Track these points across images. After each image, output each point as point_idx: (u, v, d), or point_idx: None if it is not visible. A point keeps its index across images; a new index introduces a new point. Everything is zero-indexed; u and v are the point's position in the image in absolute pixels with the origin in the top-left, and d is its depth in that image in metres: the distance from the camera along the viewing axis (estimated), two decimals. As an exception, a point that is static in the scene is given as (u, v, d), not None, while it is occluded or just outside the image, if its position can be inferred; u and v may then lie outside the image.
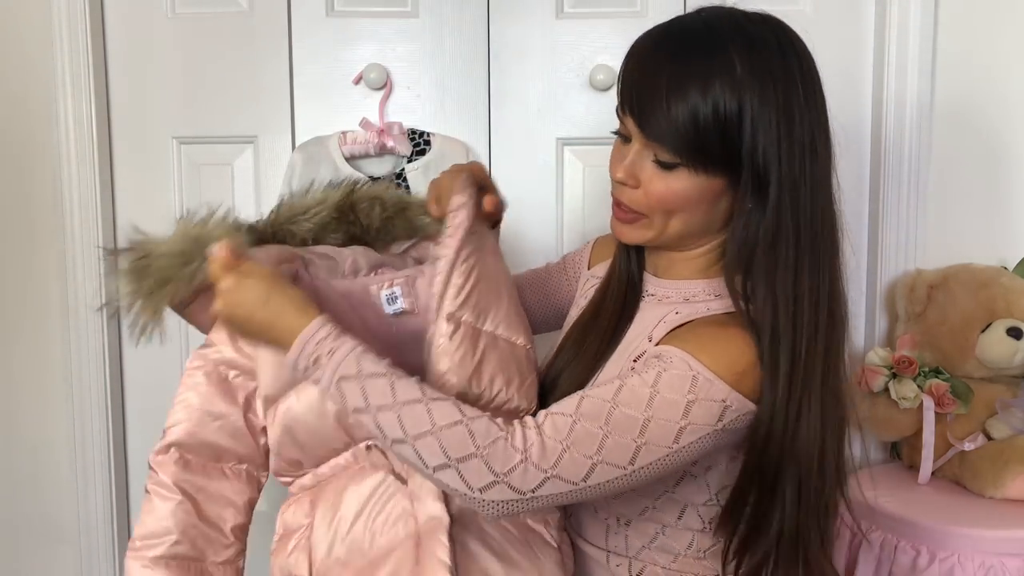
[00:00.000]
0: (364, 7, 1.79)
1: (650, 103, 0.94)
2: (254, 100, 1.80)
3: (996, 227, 1.81)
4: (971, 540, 1.43)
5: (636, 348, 1.04)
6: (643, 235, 1.02)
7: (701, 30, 0.95)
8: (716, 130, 0.92)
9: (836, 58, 1.80)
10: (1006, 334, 1.62)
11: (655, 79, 0.94)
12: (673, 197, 0.97)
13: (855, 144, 1.83)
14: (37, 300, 1.83)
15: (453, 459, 0.90)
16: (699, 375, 0.92)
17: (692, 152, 0.93)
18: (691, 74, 0.92)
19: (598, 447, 0.91)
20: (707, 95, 0.91)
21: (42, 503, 1.88)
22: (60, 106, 1.75)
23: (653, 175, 0.97)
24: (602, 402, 0.93)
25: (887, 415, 1.67)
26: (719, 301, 1.02)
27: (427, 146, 1.76)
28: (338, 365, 0.92)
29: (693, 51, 0.93)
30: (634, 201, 0.99)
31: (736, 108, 0.91)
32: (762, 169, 0.93)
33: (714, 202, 0.98)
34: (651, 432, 0.91)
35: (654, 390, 0.92)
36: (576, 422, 0.92)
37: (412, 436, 0.91)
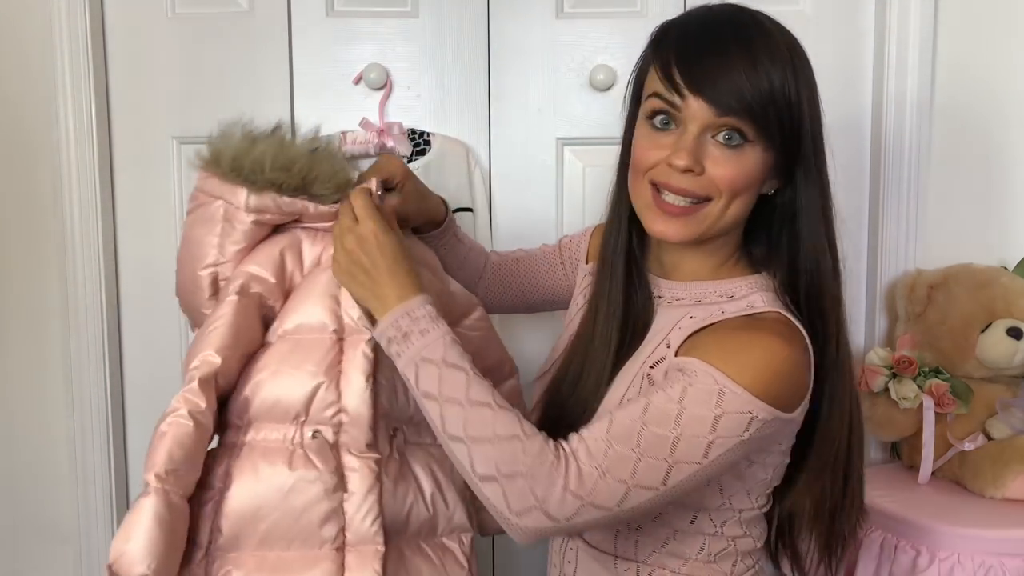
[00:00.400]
0: (364, 7, 1.79)
1: (725, 74, 0.93)
2: (254, 100, 1.80)
3: (996, 227, 1.81)
4: (971, 540, 1.43)
5: (653, 354, 1.02)
6: (697, 228, 0.99)
7: (742, 16, 0.98)
8: (785, 105, 0.94)
9: (836, 58, 1.80)
10: (1006, 334, 1.62)
11: (724, 55, 0.94)
12: (743, 176, 0.96)
13: (855, 144, 1.83)
14: (37, 300, 1.83)
15: (502, 473, 0.91)
16: (725, 388, 0.91)
17: (765, 125, 0.94)
18: (758, 49, 0.94)
19: (632, 471, 0.91)
20: (773, 72, 0.93)
21: (42, 503, 1.88)
22: (60, 106, 1.75)
23: (720, 157, 0.95)
24: (631, 422, 0.92)
25: (887, 415, 1.67)
26: (733, 303, 1.01)
27: (427, 146, 1.76)
28: (425, 346, 0.94)
29: (748, 31, 0.95)
30: (699, 186, 0.96)
31: (795, 87, 0.94)
32: (813, 148, 0.97)
33: (759, 184, 0.99)
34: (681, 450, 0.91)
35: (681, 406, 0.91)
36: (609, 446, 0.91)
37: (471, 438, 0.92)
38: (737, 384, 0.91)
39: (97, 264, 1.79)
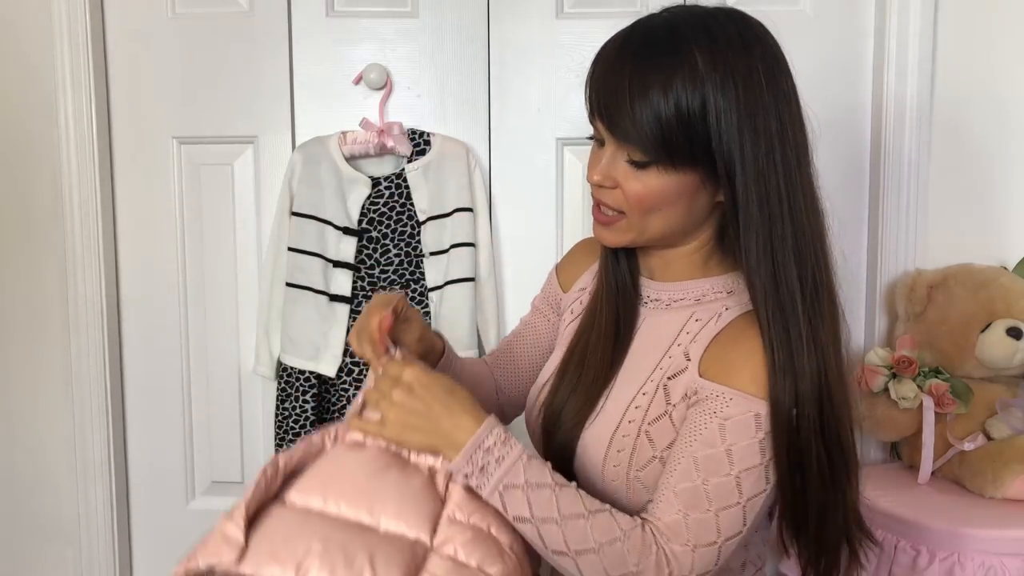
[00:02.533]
0: (364, 7, 1.79)
1: (616, 105, 0.95)
2: (254, 100, 1.80)
3: (996, 227, 1.81)
4: (971, 540, 1.43)
5: (671, 365, 1.01)
6: (624, 236, 1.02)
7: (662, 29, 0.96)
8: (680, 127, 0.93)
9: (836, 58, 1.80)
10: (1006, 334, 1.62)
11: (619, 82, 0.95)
12: (649, 195, 0.97)
13: (855, 144, 1.83)
14: (37, 300, 1.83)
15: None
16: (759, 412, 0.93)
17: (660, 150, 0.94)
18: (652, 74, 0.93)
19: (716, 529, 0.93)
20: (668, 93, 0.92)
21: (42, 503, 1.88)
22: (60, 106, 1.76)
23: (628, 175, 0.98)
24: (691, 485, 0.93)
25: (887, 415, 1.67)
26: (732, 297, 1.02)
27: (427, 146, 1.76)
28: (505, 474, 0.93)
29: (654, 51, 0.95)
30: (614, 202, 1.00)
31: (699, 103, 0.92)
32: (728, 162, 0.94)
33: (692, 197, 0.98)
34: (746, 486, 0.93)
35: (726, 446, 0.93)
36: (685, 518, 0.93)
37: (575, 551, 0.93)
38: (763, 399, 0.93)
39: (97, 264, 1.79)
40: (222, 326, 1.86)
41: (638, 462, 1.00)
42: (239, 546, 0.84)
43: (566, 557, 0.93)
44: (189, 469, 1.89)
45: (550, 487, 0.94)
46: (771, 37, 0.99)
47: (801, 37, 1.78)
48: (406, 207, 1.75)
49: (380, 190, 1.75)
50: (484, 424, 0.95)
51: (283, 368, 1.76)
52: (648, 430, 1.00)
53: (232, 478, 1.89)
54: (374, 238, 1.75)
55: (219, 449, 1.88)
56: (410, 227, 1.75)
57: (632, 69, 0.94)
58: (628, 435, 1.01)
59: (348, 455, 0.96)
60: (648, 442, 1.00)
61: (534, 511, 0.93)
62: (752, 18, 1.00)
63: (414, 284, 1.76)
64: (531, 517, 0.93)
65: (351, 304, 1.74)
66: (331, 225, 1.74)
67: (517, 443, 0.96)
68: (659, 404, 1.00)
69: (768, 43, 0.98)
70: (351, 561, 0.83)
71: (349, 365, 1.73)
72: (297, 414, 1.73)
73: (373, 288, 1.75)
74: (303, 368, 1.73)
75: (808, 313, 0.95)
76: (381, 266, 1.75)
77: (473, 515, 0.92)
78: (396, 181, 1.75)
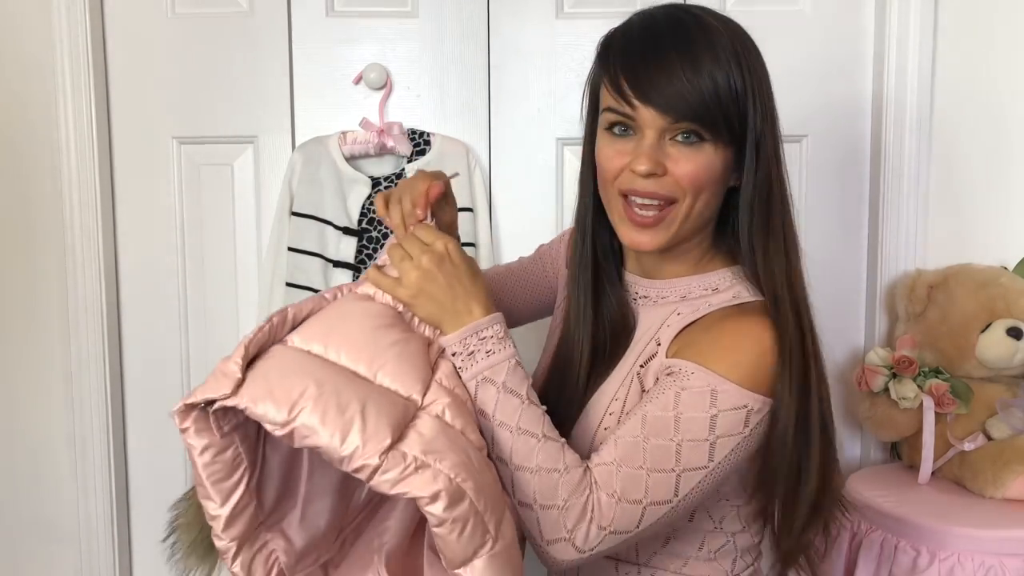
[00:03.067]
0: (364, 7, 1.79)
1: (666, 82, 0.95)
2: (254, 100, 1.80)
3: (996, 227, 1.81)
4: (971, 540, 1.43)
5: (644, 353, 1.03)
6: (665, 235, 1.00)
7: (683, 17, 0.98)
8: (731, 101, 0.95)
9: (836, 58, 1.80)
10: (1006, 334, 1.62)
11: (665, 59, 0.95)
12: (703, 173, 0.97)
13: (855, 144, 1.83)
14: (37, 300, 1.83)
15: (538, 504, 0.93)
16: (716, 388, 0.93)
17: (716, 122, 0.95)
18: (699, 51, 0.95)
19: (644, 489, 0.93)
20: (717, 68, 0.94)
21: (42, 503, 1.88)
22: (60, 106, 1.75)
23: (679, 156, 0.97)
24: (632, 439, 0.94)
25: (887, 415, 1.67)
26: (718, 295, 1.02)
27: (427, 146, 1.76)
28: (489, 367, 0.95)
29: (688, 33, 0.96)
30: (664, 187, 0.98)
31: (740, 82, 0.95)
32: (759, 143, 0.97)
33: (724, 179, 1.00)
34: (685, 456, 0.92)
35: (676, 412, 0.93)
36: (618, 469, 0.93)
37: (514, 465, 0.94)
38: (728, 381, 0.92)
39: (97, 264, 1.79)
40: (222, 326, 1.85)
41: None
42: (236, 380, 0.87)
43: (505, 467, 0.94)
44: (189, 469, 1.89)
45: (521, 399, 0.95)
46: None
47: (801, 37, 1.78)
48: (406, 207, 1.75)
49: (380, 190, 1.75)
50: (490, 316, 0.97)
51: (283, 368, 1.76)
52: None
53: (232, 478, 1.89)
54: (374, 238, 1.75)
55: (219, 449, 1.88)
56: (410, 227, 1.75)
57: (674, 47, 0.95)
58: (608, 428, 1.02)
59: (355, 305, 0.97)
60: None
61: (496, 413, 0.94)
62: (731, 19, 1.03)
63: (414, 284, 1.76)
64: (491, 416, 0.95)
65: (351, 304, 1.73)
66: (331, 225, 1.74)
67: (512, 346, 0.97)
68: (635, 392, 1.01)
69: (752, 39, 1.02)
70: (343, 409, 0.84)
71: (349, 365, 1.73)
72: (297, 414, 1.72)
73: (373, 288, 1.75)
74: (303, 368, 1.73)
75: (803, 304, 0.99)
76: (381, 266, 1.75)
77: (458, 387, 0.95)
78: (396, 181, 1.75)
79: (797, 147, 1.83)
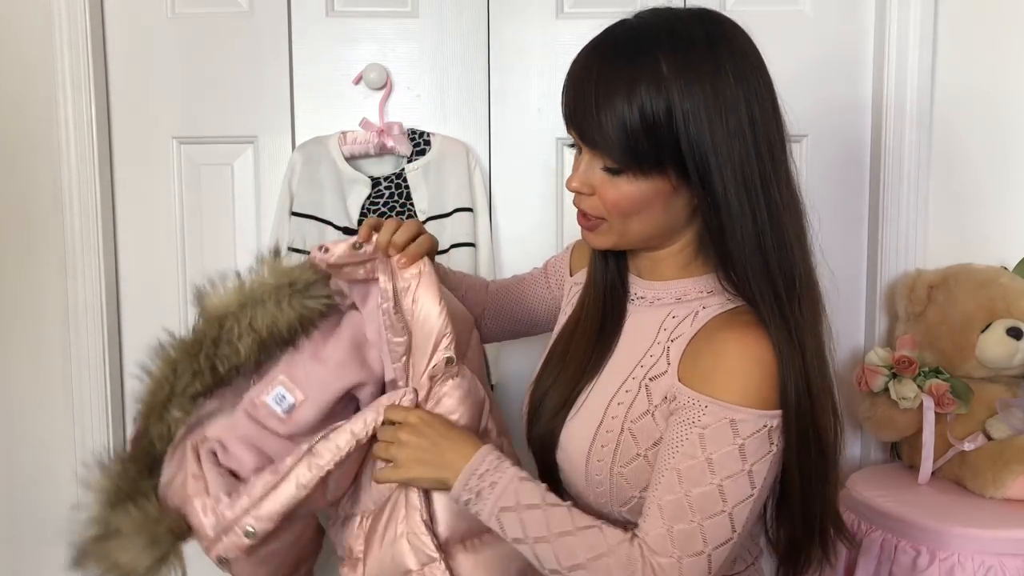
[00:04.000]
0: (364, 7, 1.79)
1: (583, 114, 0.97)
2: (254, 100, 1.80)
3: (996, 227, 1.81)
4: (971, 540, 1.43)
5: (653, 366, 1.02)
6: (607, 239, 1.04)
7: (628, 35, 0.98)
8: (646, 134, 0.93)
9: (836, 58, 1.80)
10: (1006, 334, 1.62)
11: (585, 90, 0.97)
12: (625, 201, 0.99)
13: (855, 144, 1.83)
14: (37, 300, 1.83)
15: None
16: (734, 417, 0.93)
17: (627, 157, 0.95)
18: (616, 82, 0.94)
19: (703, 539, 0.93)
20: (632, 101, 0.93)
21: (42, 503, 1.88)
22: (60, 106, 1.75)
23: (604, 182, 0.99)
24: (675, 498, 0.94)
25: (887, 415, 1.67)
26: (712, 297, 1.02)
27: (427, 146, 1.76)
28: (499, 497, 0.99)
29: (619, 58, 0.96)
30: (593, 208, 1.02)
31: (664, 109, 0.93)
32: (701, 163, 0.94)
33: (668, 201, 0.99)
34: (730, 493, 0.93)
35: (707, 455, 0.93)
36: (670, 531, 0.94)
37: (566, 568, 0.96)
38: (742, 407, 0.93)
39: (97, 264, 1.79)
40: (222, 326, 1.85)
41: (622, 459, 1.01)
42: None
43: (559, 574, 0.96)
44: (189, 469, 1.89)
45: (540, 507, 0.97)
46: (742, 34, 1.00)
47: (801, 37, 1.78)
48: (406, 207, 1.75)
49: (380, 190, 1.75)
50: (479, 452, 1.01)
51: (283, 368, 1.76)
52: (631, 428, 1.01)
53: (232, 478, 1.89)
54: (374, 238, 1.75)
55: (219, 449, 1.88)
56: (410, 227, 1.75)
57: (597, 77, 0.96)
58: (612, 431, 1.02)
59: None
60: (632, 439, 1.01)
61: (527, 531, 0.97)
62: (721, 16, 1.00)
63: (414, 284, 1.75)
64: (525, 537, 0.97)
65: (351, 304, 1.73)
66: (331, 225, 1.74)
67: (510, 467, 1.01)
68: (642, 402, 1.01)
69: (737, 41, 0.98)
70: None
71: (349, 365, 1.73)
72: (297, 414, 1.72)
73: (373, 288, 1.75)
74: (303, 368, 1.73)
75: (794, 309, 0.96)
76: (381, 266, 1.75)
77: None
78: (396, 181, 1.75)
79: (797, 147, 1.83)
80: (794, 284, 0.97)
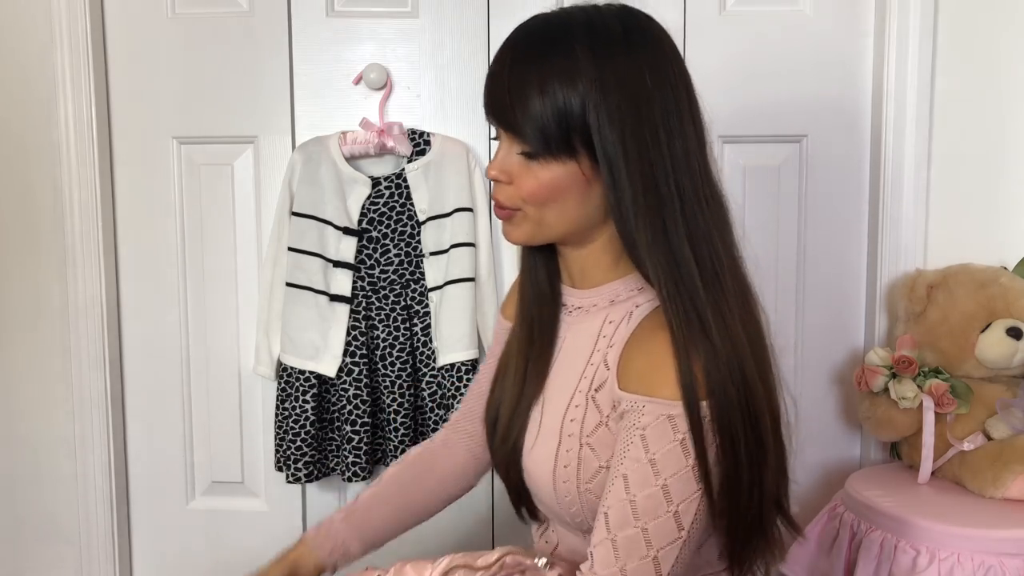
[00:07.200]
0: (364, 7, 1.79)
1: (499, 99, 0.98)
2: (254, 100, 1.80)
3: (996, 227, 1.81)
4: (971, 540, 1.43)
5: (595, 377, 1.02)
6: (524, 231, 1.02)
7: (548, 26, 0.99)
8: (557, 122, 0.94)
9: (835, 58, 1.80)
10: (1006, 334, 1.62)
11: (501, 76, 0.98)
12: (541, 187, 0.98)
13: (855, 144, 1.83)
14: (37, 300, 1.83)
15: None
16: (671, 413, 0.92)
17: (540, 142, 0.96)
18: (532, 71, 0.96)
19: (646, 543, 0.91)
20: (545, 90, 0.94)
21: (42, 503, 1.88)
22: (60, 106, 1.76)
23: (521, 168, 0.99)
24: (621, 503, 0.92)
25: (887, 415, 1.67)
26: (643, 294, 1.02)
27: (427, 146, 1.76)
28: None
29: (537, 48, 0.97)
30: (509, 197, 1.01)
31: (577, 100, 0.94)
32: (609, 153, 0.95)
33: (583, 190, 0.99)
34: (675, 491, 0.91)
35: (649, 456, 0.92)
36: (615, 539, 0.92)
37: None
38: (676, 400, 0.91)
39: (97, 264, 1.79)
40: (222, 326, 1.86)
41: (586, 474, 1.00)
42: None
43: None
44: (189, 469, 1.89)
45: None
46: (659, 28, 1.01)
47: (801, 37, 1.78)
48: (406, 207, 1.75)
49: (380, 190, 1.75)
50: None
51: (283, 368, 1.76)
52: (588, 441, 1.00)
53: (232, 478, 1.89)
54: (374, 238, 1.75)
55: (219, 449, 1.88)
56: (410, 227, 1.76)
57: (512, 64, 0.97)
58: (571, 449, 1.01)
59: None
60: (592, 453, 1.00)
61: None
62: (641, 12, 1.01)
63: (414, 284, 1.76)
64: None
65: (351, 304, 1.74)
66: (331, 225, 1.74)
67: None
68: (593, 415, 1.00)
69: (653, 36, 0.99)
70: None
71: (349, 365, 1.73)
72: (297, 414, 1.73)
73: (373, 288, 1.75)
74: (303, 368, 1.73)
75: (714, 298, 0.95)
76: (381, 266, 1.75)
77: None
78: (396, 181, 1.75)
79: (797, 147, 1.83)
80: (716, 277, 0.96)
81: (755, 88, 1.78)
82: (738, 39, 1.76)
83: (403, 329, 1.74)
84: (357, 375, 1.72)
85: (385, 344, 1.74)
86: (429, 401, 1.75)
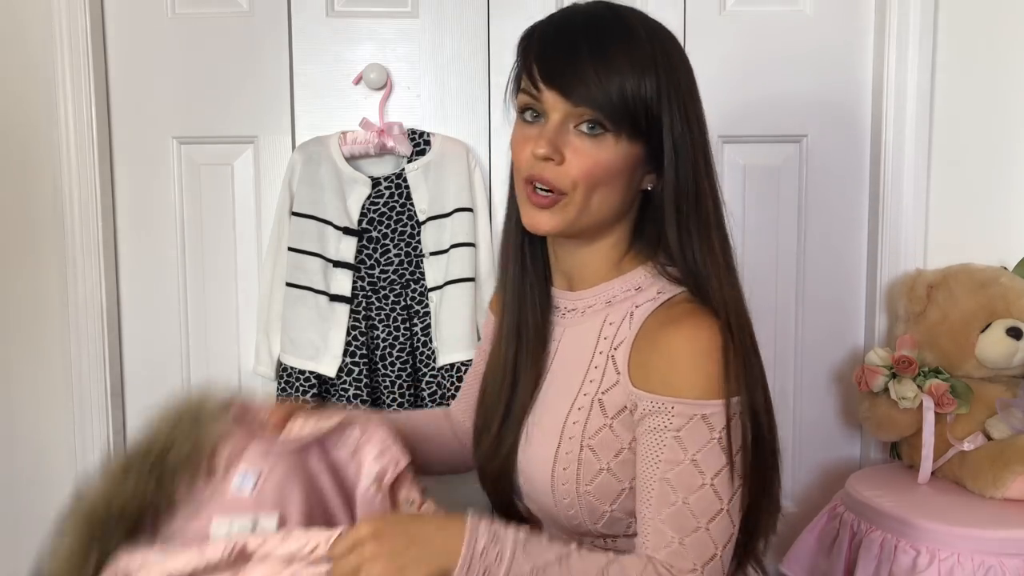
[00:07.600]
0: (364, 7, 1.79)
1: (574, 71, 0.96)
2: (254, 100, 1.80)
3: (996, 227, 1.81)
4: (971, 540, 1.43)
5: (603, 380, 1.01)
6: (562, 218, 0.99)
7: (603, 14, 1.00)
8: (638, 102, 0.96)
9: (836, 58, 1.80)
10: (1006, 334, 1.62)
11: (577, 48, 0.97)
12: (599, 167, 0.97)
13: (855, 144, 1.83)
14: (37, 300, 1.83)
15: None
16: (704, 412, 0.93)
17: (619, 116, 0.96)
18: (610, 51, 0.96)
19: (712, 542, 0.93)
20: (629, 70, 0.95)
21: (42, 503, 1.88)
22: (60, 106, 1.75)
23: (579, 145, 0.97)
24: (674, 507, 0.93)
25: (887, 415, 1.67)
26: (641, 294, 1.02)
27: (427, 146, 1.76)
28: (508, 570, 0.89)
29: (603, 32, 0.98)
30: (558, 177, 0.98)
31: (653, 87, 0.96)
32: (678, 144, 0.98)
33: (631, 176, 1.00)
34: (722, 489, 0.93)
35: (689, 456, 0.93)
36: (682, 542, 0.93)
37: None
38: (707, 400, 0.93)
39: (97, 264, 1.79)
40: (222, 326, 1.86)
41: (585, 477, 1.00)
42: None
43: None
44: (189, 469, 1.89)
45: (555, 562, 0.91)
46: None
47: (801, 37, 1.78)
48: (406, 207, 1.75)
49: (380, 190, 1.75)
50: (467, 527, 0.90)
51: (283, 368, 1.76)
52: (590, 443, 1.00)
53: (232, 478, 1.89)
54: (374, 238, 1.75)
55: (219, 449, 1.88)
56: (410, 227, 1.76)
57: (587, 44, 0.97)
58: (571, 452, 1.01)
59: None
60: (592, 455, 1.00)
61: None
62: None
63: (414, 284, 1.75)
64: None
65: (351, 304, 1.73)
66: (331, 225, 1.74)
67: (507, 531, 0.92)
68: (597, 418, 1.00)
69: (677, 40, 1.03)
70: None
71: (349, 365, 1.73)
72: (297, 414, 1.73)
73: (373, 288, 1.74)
74: (303, 368, 1.73)
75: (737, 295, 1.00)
76: (381, 266, 1.75)
77: None
78: (396, 181, 1.75)
79: (797, 147, 1.83)
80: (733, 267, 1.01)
81: (755, 88, 1.78)
82: (738, 39, 1.76)
83: (403, 329, 1.74)
84: (357, 375, 1.72)
85: (385, 344, 1.74)
86: (429, 401, 1.75)
